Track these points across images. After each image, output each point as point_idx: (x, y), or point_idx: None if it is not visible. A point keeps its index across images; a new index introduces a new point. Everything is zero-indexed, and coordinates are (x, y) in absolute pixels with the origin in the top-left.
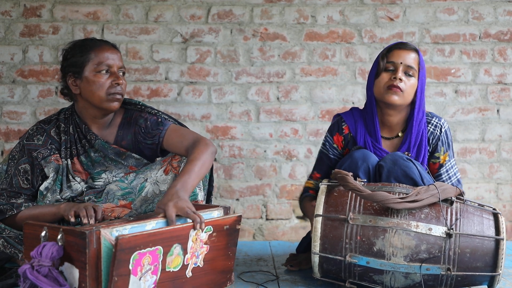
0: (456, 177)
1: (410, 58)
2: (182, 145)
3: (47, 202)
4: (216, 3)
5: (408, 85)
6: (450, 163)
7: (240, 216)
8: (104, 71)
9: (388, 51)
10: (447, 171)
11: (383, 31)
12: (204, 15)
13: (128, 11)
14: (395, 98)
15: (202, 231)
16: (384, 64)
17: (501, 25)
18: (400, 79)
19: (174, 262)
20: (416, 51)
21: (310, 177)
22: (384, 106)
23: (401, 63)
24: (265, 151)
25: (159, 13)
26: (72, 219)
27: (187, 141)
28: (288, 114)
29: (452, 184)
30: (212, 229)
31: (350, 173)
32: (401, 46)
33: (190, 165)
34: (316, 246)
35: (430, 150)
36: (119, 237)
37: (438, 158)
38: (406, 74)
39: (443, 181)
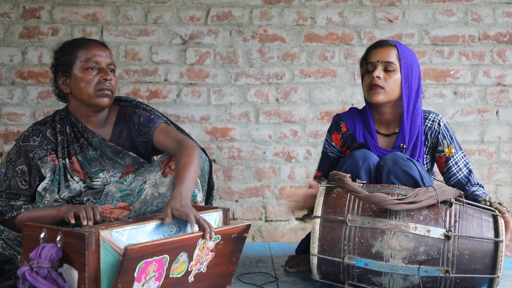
0: (467, 168)
1: (388, 54)
2: (168, 145)
3: (46, 202)
4: (215, 5)
5: (390, 80)
6: (459, 155)
7: (249, 225)
8: (91, 68)
9: (367, 53)
10: (456, 163)
11: (382, 33)
12: (204, 17)
13: (127, 13)
14: (379, 97)
15: (210, 240)
16: (365, 67)
17: (500, 27)
18: (378, 77)
19: (179, 269)
20: (394, 45)
21: (314, 176)
22: (375, 105)
23: (377, 61)
24: (264, 153)
25: (158, 14)
26: (73, 221)
27: (172, 142)
28: (287, 116)
29: (464, 175)
30: (220, 237)
31: (348, 175)
32: (377, 45)
33: (186, 171)
34: (314, 247)
35: (431, 146)
36: (128, 247)
37: (443, 151)
38: (386, 70)
39: (454, 174)
